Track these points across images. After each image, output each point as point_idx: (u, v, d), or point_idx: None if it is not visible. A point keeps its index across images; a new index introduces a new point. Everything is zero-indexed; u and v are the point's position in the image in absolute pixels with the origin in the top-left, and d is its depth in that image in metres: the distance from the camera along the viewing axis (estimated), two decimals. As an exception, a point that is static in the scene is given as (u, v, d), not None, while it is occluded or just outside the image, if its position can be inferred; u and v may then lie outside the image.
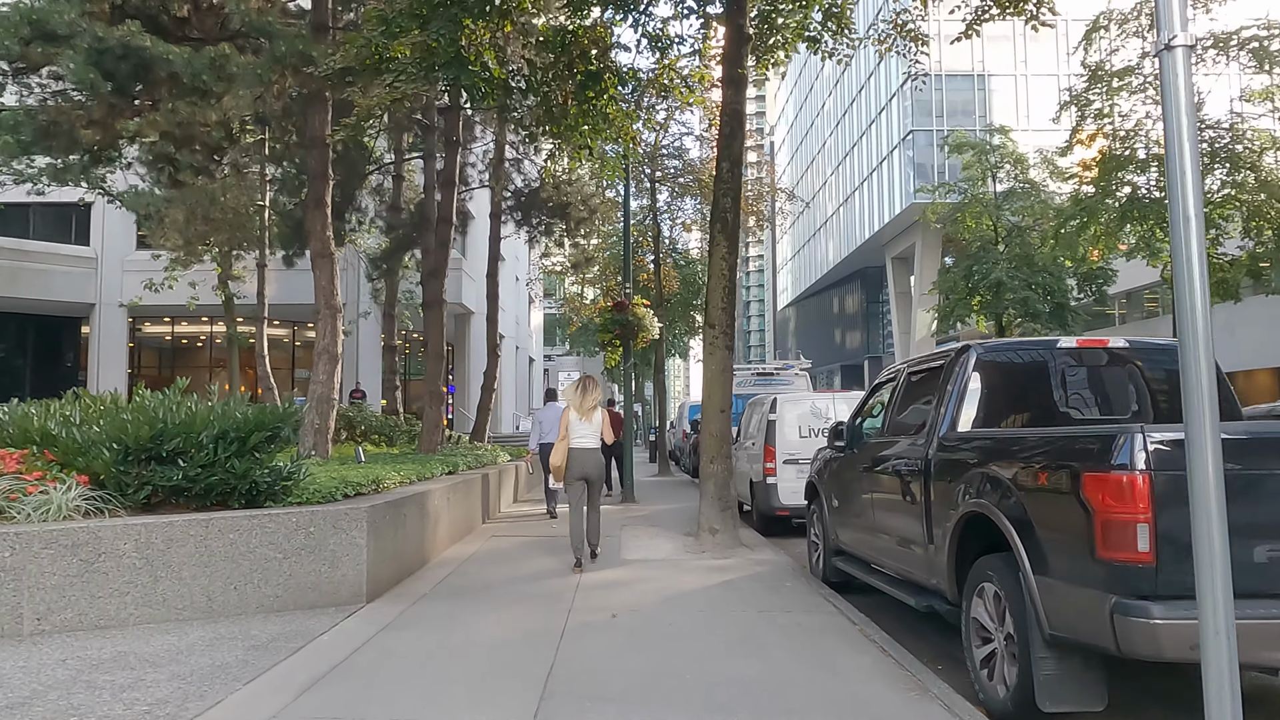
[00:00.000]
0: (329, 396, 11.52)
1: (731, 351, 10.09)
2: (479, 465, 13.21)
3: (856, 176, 58.37)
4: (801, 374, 18.56)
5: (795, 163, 75.02)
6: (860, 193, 57.91)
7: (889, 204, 52.75)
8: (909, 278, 55.48)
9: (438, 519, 9.13)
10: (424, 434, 13.53)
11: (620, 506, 14.58)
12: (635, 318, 14.49)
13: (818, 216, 68.18)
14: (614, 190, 21.95)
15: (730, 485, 10.04)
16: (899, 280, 56.12)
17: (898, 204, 51.17)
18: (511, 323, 39.30)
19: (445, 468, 11.18)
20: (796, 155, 72.40)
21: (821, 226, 67.31)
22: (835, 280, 67.66)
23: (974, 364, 5.69)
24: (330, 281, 11.65)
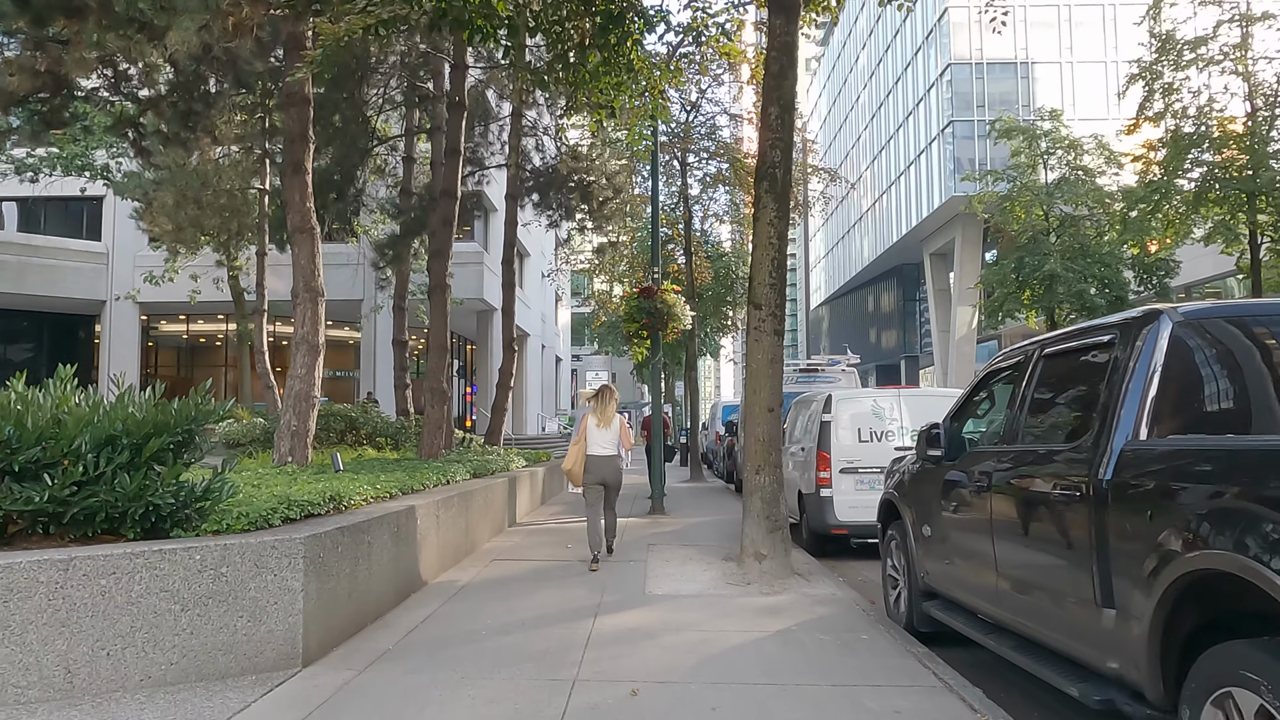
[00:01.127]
0: (308, 394, 9.78)
1: (781, 337, 8.20)
2: (486, 473, 11.44)
3: (893, 170, 56.05)
4: (850, 370, 16.60)
5: (829, 158, 72.66)
6: (897, 187, 55.58)
7: (927, 198, 50.42)
8: (948, 274, 53.11)
9: (421, 542, 7.33)
10: (425, 437, 11.80)
11: (648, 519, 12.73)
12: (665, 305, 12.64)
13: (852, 213, 65.84)
14: (640, 173, 20.13)
15: (780, 501, 8.15)
16: (937, 277, 53.73)
17: (937, 198, 48.86)
18: (537, 320, 37.61)
19: (440, 477, 9.40)
20: (830, 150, 70.02)
21: (856, 223, 64.96)
22: (870, 278, 65.26)
23: (1168, 338, 3.76)
24: (310, 260, 9.92)
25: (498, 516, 10.65)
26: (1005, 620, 4.74)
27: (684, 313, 12.90)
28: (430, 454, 11.70)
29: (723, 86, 20.93)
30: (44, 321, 29.09)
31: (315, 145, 14.41)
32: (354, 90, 13.91)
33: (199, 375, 32.71)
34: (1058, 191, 30.48)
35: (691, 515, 13.39)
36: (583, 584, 7.67)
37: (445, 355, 12.02)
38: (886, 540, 6.80)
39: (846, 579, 8.61)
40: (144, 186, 16.14)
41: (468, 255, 28.25)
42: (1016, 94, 47.42)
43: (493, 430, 16.38)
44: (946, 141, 48.67)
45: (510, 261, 16.55)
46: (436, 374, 11.88)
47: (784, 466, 11.26)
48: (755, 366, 8.12)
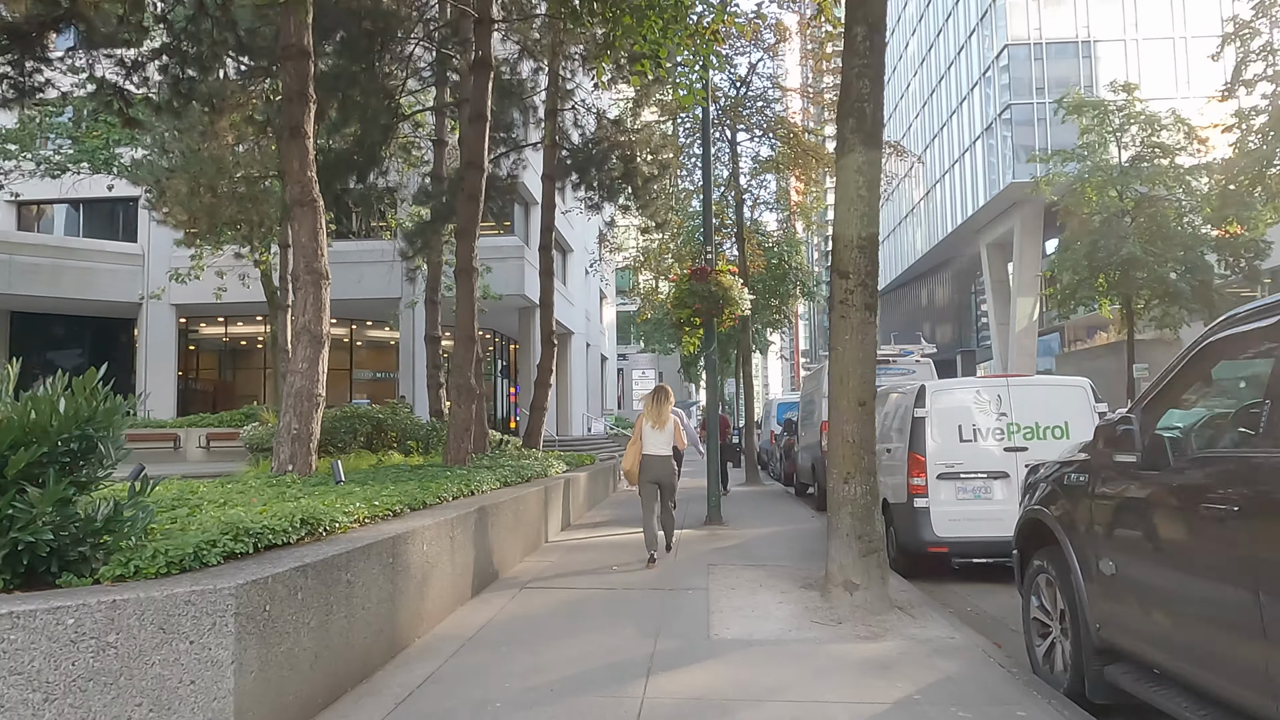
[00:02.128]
0: (311, 391, 8.36)
1: (874, 313, 6.54)
2: (520, 480, 9.92)
3: (947, 159, 53.60)
4: (924, 361, 14.78)
5: (877, 150, 70.28)
6: (951, 176, 53.13)
7: (984, 186, 47.97)
8: (1006, 265, 50.56)
9: (426, 574, 5.81)
10: (450, 440, 10.32)
11: (705, 530, 11.11)
12: (720, 288, 11.01)
13: (903, 204, 63.37)
14: (688, 153, 18.56)
15: (875, 517, 6.48)
16: (995, 268, 51.20)
17: (994, 185, 46.39)
18: (581, 318, 36.19)
19: (463, 488, 7.90)
20: (878, 142, 67.70)
21: (908, 215, 62.49)
22: (923, 271, 62.73)
23: None
24: (312, 238, 8.51)
25: (531, 532, 9.12)
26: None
27: (741, 296, 11.26)
28: (457, 460, 10.22)
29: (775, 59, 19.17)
30: (84, 325, 28.44)
31: (331, 121, 13.11)
32: (372, 60, 12.52)
33: (240, 379, 31.88)
34: (1134, 170, 28.18)
35: (753, 525, 11.74)
36: (631, 620, 6.09)
37: (474, 347, 10.54)
38: (1032, 573, 5.10)
39: (953, 609, 6.92)
40: (156, 173, 15.00)
41: (508, 249, 26.91)
42: (1078, 75, 44.75)
43: (531, 432, 14.89)
44: (1004, 126, 46.23)
45: (548, 248, 15.05)
46: (463, 369, 10.40)
47: None
48: (842, 350, 6.46)
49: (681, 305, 11.13)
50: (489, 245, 26.09)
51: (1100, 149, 29.18)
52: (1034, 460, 8.02)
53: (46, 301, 26.16)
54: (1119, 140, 29.08)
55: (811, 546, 9.76)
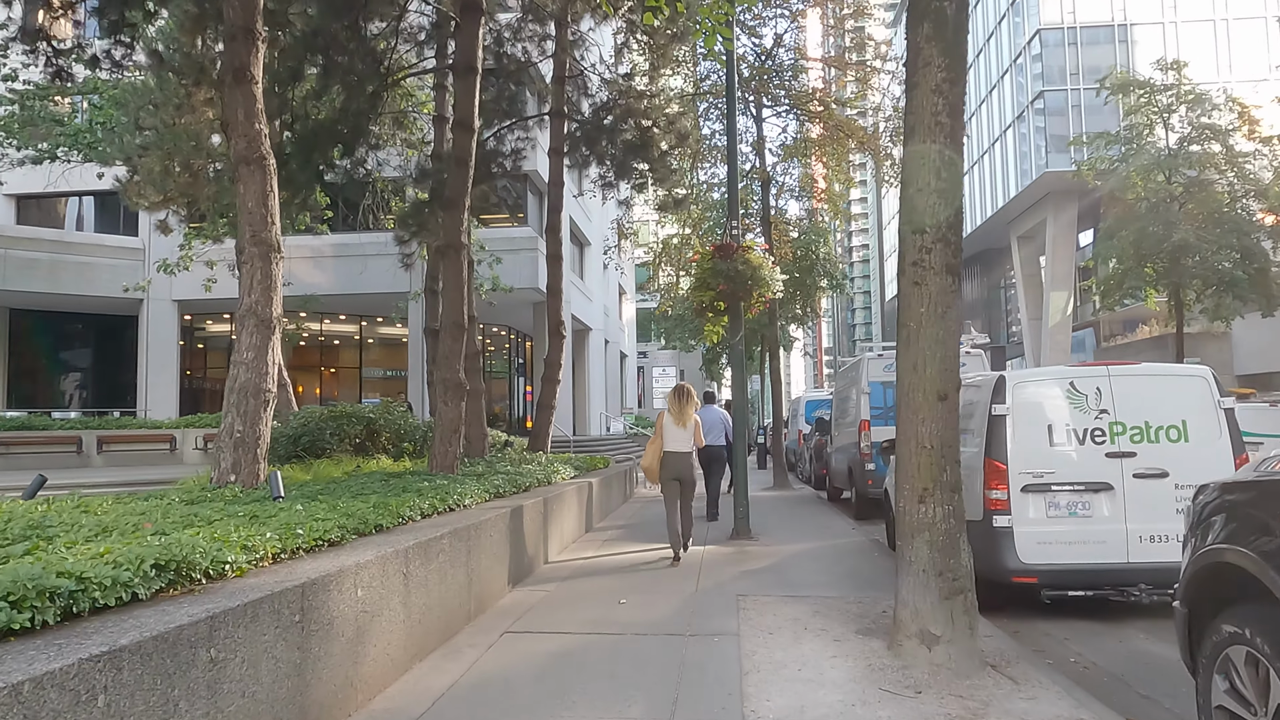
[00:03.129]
0: (259, 387, 6.87)
1: (958, 278, 4.93)
2: (514, 491, 8.40)
3: (976, 149, 51.55)
4: (976, 353, 13.11)
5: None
6: (980, 166, 51.11)
7: (1015, 176, 45.98)
8: (1038, 258, 48.54)
9: (361, 630, 4.28)
10: (435, 444, 8.81)
11: (731, 547, 9.54)
12: (748, 266, 9.43)
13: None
14: (706, 110, 16.93)
15: (961, 546, 4.87)
16: (1026, 261, 49.15)
17: (1026, 175, 44.39)
18: (599, 313, 34.68)
19: (440, 502, 6.39)
20: (903, 135, 65.67)
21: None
22: (950, 266, 60.66)
23: None
24: (261, 203, 7.02)
25: (525, 554, 7.58)
26: None
27: (772, 276, 9.67)
28: (444, 466, 8.71)
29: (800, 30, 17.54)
30: (85, 322, 27.29)
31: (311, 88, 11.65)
32: (356, 18, 11.05)
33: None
34: (1183, 153, 26.26)
35: (786, 539, 10.14)
36: (639, 686, 4.53)
37: (463, 336, 9.03)
38: (1219, 642, 3.48)
39: (1055, 661, 5.32)
40: (127, 150, 13.63)
41: (521, 241, 25.44)
42: (1114, 60, 42.57)
43: (537, 433, 13.37)
44: (1036, 114, 44.22)
45: (556, 229, 13.52)
46: (451, 361, 8.88)
47: None
48: (915, 327, 4.86)
49: (704, 287, 9.56)
50: (501, 236, 24.66)
51: (1146, 131, 27.30)
52: (1145, 468, 6.42)
53: (46, 298, 25.01)
54: (1166, 122, 27.14)
55: (858, 567, 8.16)
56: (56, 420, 21.28)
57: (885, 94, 17.00)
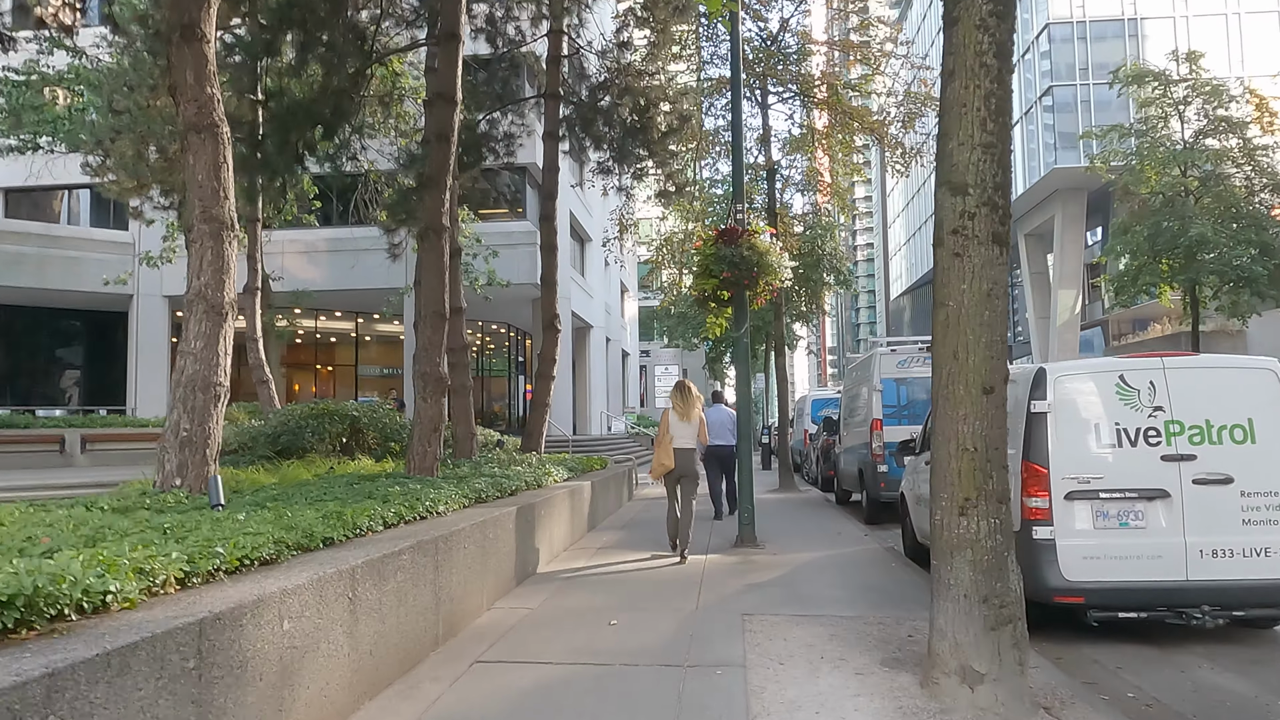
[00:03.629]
0: (209, 380, 6.11)
1: (1005, 247, 4.16)
2: (497, 496, 7.64)
3: (982, 146, 50.55)
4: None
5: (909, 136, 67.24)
6: (987, 164, 50.13)
7: (1023, 173, 45.08)
8: (1046, 256, 47.75)
9: (288, 671, 3.50)
10: (412, 443, 8.04)
11: (736, 556, 8.75)
12: (754, 252, 8.65)
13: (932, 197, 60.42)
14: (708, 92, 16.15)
15: (1009, 567, 4.08)
16: (1034, 259, 48.37)
17: (1034, 172, 43.55)
18: (600, 311, 33.90)
19: (404, 511, 5.63)
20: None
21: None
22: (956, 264, 59.67)
23: None
24: (212, 175, 6.26)
25: (507, 566, 6.81)
26: None
27: (779, 263, 8.88)
28: (422, 468, 7.95)
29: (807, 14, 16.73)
30: (75, 318, 26.59)
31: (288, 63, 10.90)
32: (336, -11, 10.29)
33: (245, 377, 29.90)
34: (1199, 146, 25.43)
35: (795, 547, 9.35)
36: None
37: (444, 326, 8.26)
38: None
39: (1110, 696, 4.54)
40: (99, 133, 12.89)
41: (520, 235, 24.71)
42: (1124, 54, 41.74)
43: (531, 432, 12.61)
44: (1045, 110, 43.35)
45: (550, 218, 12.74)
46: (430, 353, 8.11)
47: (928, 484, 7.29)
48: (956, 306, 4.08)
49: (706, 275, 8.78)
50: (498, 230, 23.91)
51: (1160, 124, 26.46)
52: (1206, 473, 5.63)
53: (34, 293, 24.31)
54: (1181, 115, 26.29)
55: (875, 580, 7.38)
56: (40, 418, 20.55)
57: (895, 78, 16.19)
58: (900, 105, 15.94)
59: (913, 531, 8.85)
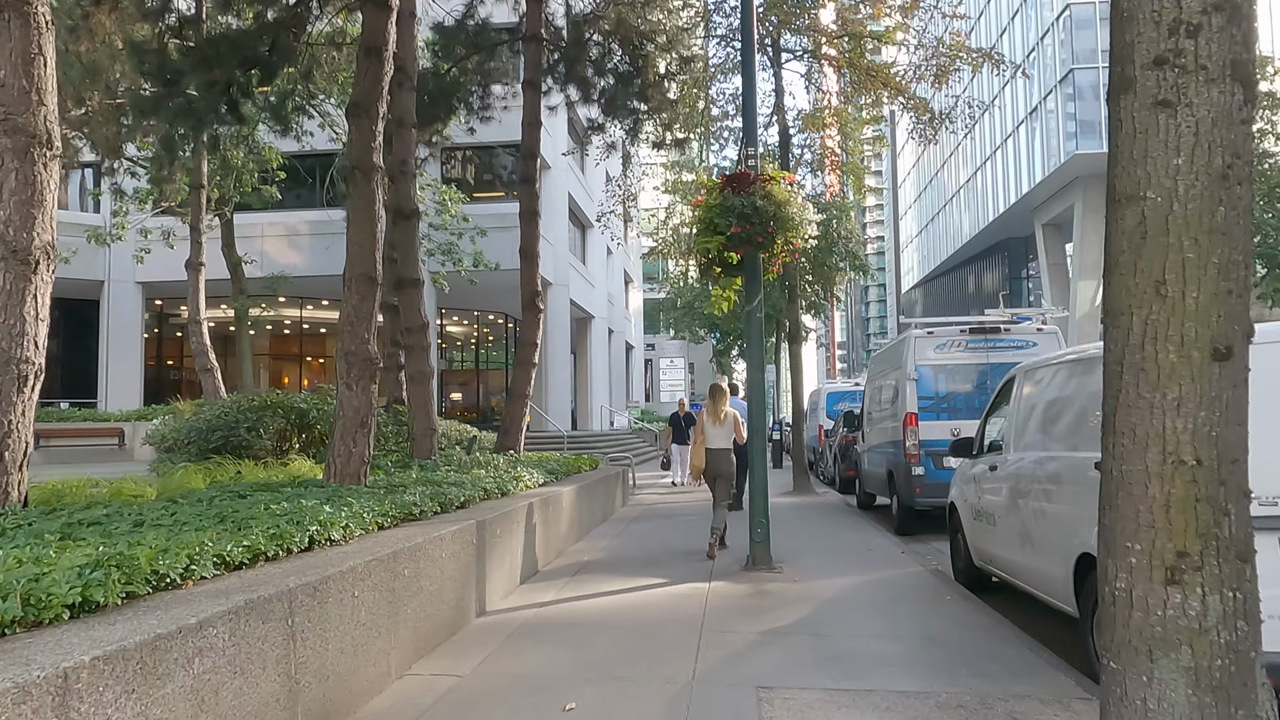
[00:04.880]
0: (8, 356, 4.28)
1: (1252, 91, 2.24)
2: (436, 513, 5.79)
3: (999, 133, 48.56)
4: (1050, 331, 10.42)
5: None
6: (1003, 151, 48.10)
7: (1042, 160, 43.00)
8: (1064, 246, 45.63)
9: None
10: (334, 443, 6.18)
11: (747, 582, 6.87)
12: (771, 202, 6.77)
13: (949, 184, 58.35)
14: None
15: (1259, 687, 2.20)
16: (1052, 250, 46.23)
17: (1054, 159, 41.43)
18: (602, 301, 32.02)
19: (260, 545, 3.79)
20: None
21: (954, 195, 57.38)
22: (970, 255, 57.49)
23: None
24: (20, 71, 4.45)
25: (432, 613, 4.94)
26: None
27: (802, 216, 7.01)
28: (346, 474, 6.10)
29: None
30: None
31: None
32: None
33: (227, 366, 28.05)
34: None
35: (820, 570, 7.47)
36: None
37: (375, 293, 6.41)
38: None
39: None
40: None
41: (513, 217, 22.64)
42: (1149, 34, 39.61)
43: (507, 427, 10.78)
44: (1065, 95, 41.20)
45: (531, 180, 10.92)
46: (355, 328, 6.27)
47: (1023, 508, 5.43)
48: (1160, 197, 2.19)
49: (710, 231, 6.90)
50: (490, 212, 22.00)
51: (1198, 99, 24.43)
52: None
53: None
54: (1222, 88, 24.26)
55: (934, 624, 5.49)
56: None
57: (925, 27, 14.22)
58: (931, 58, 14.00)
59: (967, 551, 7.01)
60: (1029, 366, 6.11)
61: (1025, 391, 5.97)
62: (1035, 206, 45.87)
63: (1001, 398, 6.72)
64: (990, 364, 10.17)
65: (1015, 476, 5.71)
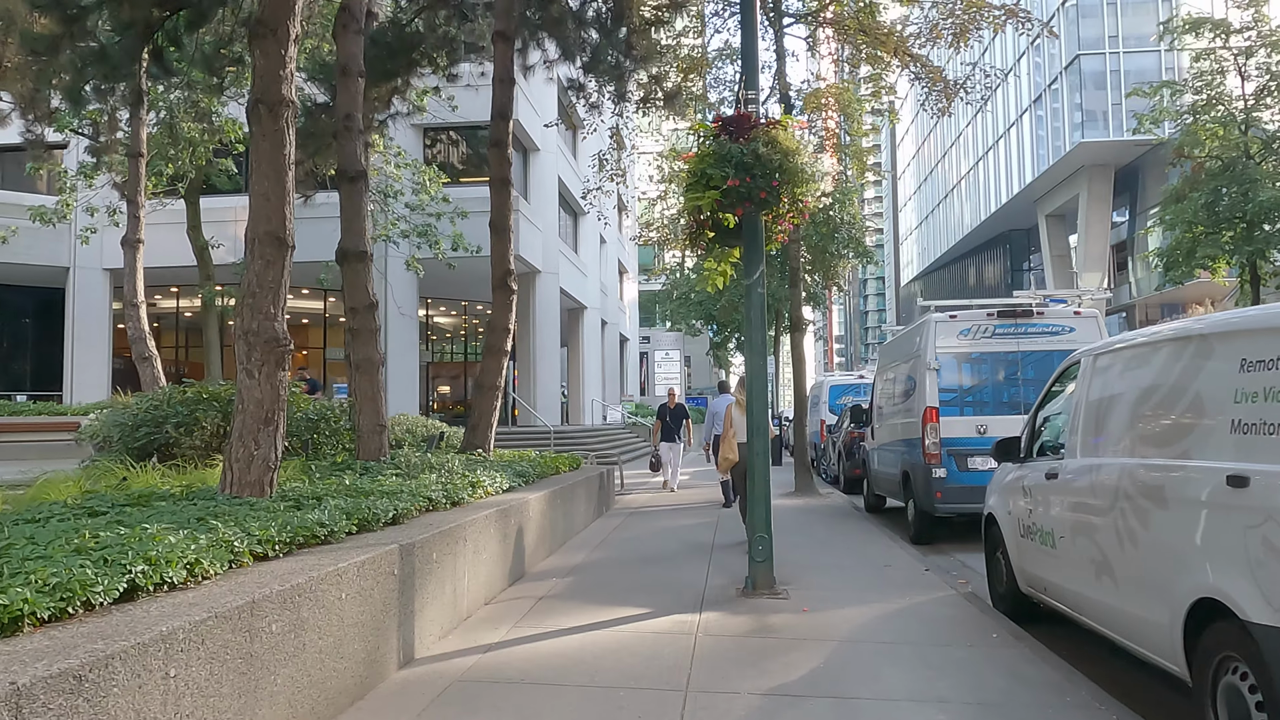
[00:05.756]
0: None
1: None
2: (353, 532, 4.50)
3: (1002, 121, 47.20)
4: (1090, 315, 9.13)
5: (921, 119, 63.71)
6: (1006, 140, 46.75)
7: (1047, 149, 41.69)
8: (1068, 237, 44.38)
9: None
10: (232, 444, 4.89)
11: (745, 616, 5.59)
12: (774, 150, 5.48)
13: (950, 176, 56.96)
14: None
15: None
16: (1055, 241, 44.96)
17: (1059, 148, 40.10)
18: (595, 291, 30.70)
19: (22, 603, 2.50)
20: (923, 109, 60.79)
21: (955, 186, 55.96)
22: (972, 247, 56.07)
23: None
24: None
25: (349, 660, 3.65)
26: None
27: (813, 168, 5.72)
28: (247, 482, 4.82)
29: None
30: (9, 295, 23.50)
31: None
32: None
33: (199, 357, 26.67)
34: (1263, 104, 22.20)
35: (834, 595, 6.19)
36: None
37: (283, 260, 5.12)
38: None
39: None
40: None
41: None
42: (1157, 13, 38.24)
43: (476, 423, 9.48)
44: (1070, 82, 39.85)
45: (503, 144, 9.59)
46: (258, 301, 4.96)
47: (1101, 529, 4.17)
48: None
49: (702, 184, 5.60)
50: (474, 195, 20.50)
51: (1217, 80, 23.17)
52: None
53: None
54: (1241, 69, 23.00)
55: (988, 680, 4.19)
56: (-60, 406, 17.54)
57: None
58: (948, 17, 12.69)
59: (1009, 574, 5.74)
60: (1102, 349, 4.82)
61: (1098, 381, 4.69)
62: (1038, 197, 44.57)
63: (1058, 389, 5.44)
64: (1021, 352, 8.89)
65: (1089, 489, 4.44)
